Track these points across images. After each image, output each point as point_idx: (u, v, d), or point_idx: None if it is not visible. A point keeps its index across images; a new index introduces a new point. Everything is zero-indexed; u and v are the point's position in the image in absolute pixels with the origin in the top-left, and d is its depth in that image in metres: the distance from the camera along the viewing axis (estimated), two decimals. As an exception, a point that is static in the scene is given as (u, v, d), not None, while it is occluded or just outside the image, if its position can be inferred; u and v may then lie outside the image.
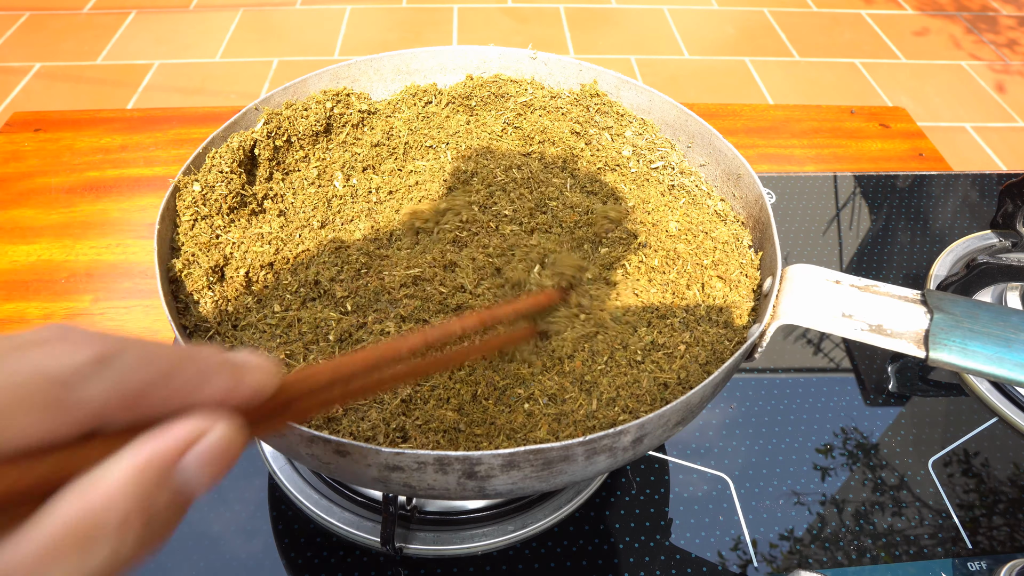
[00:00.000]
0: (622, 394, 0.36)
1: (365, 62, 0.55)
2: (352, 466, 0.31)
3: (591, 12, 2.20)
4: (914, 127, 0.86)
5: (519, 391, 0.36)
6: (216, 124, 0.49)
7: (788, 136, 0.83)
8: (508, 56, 0.57)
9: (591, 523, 0.46)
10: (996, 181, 0.78)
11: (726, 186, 0.49)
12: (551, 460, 0.30)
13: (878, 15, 2.26)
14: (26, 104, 1.73)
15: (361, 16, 2.13)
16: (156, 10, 2.12)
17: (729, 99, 1.85)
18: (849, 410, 0.54)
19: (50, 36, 1.98)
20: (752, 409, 0.54)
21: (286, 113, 0.49)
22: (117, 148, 0.76)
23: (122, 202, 0.70)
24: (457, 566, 0.44)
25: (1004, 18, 2.28)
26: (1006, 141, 1.75)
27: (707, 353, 0.38)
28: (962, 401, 0.56)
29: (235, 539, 0.44)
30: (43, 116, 0.79)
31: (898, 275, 0.66)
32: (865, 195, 0.75)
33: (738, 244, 0.45)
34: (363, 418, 0.34)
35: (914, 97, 1.90)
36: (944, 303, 0.36)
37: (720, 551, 0.46)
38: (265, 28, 2.06)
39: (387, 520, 0.42)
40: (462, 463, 0.30)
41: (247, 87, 1.82)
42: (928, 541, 0.47)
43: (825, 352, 0.59)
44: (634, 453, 0.33)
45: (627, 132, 0.52)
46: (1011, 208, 0.68)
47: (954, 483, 0.50)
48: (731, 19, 2.21)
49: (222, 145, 0.47)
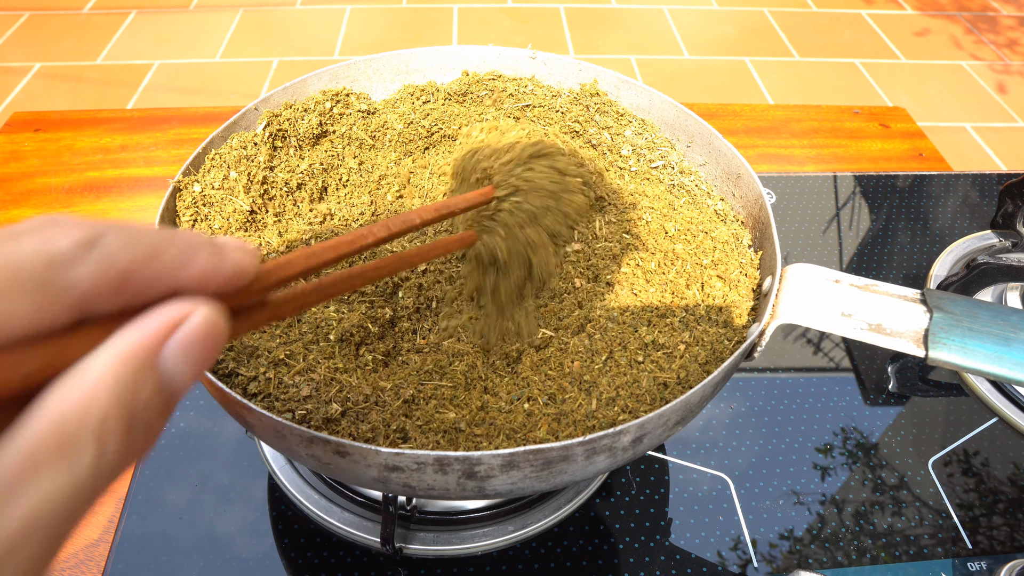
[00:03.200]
0: (622, 394, 0.36)
1: (364, 62, 0.55)
2: (352, 467, 0.31)
3: (591, 12, 2.20)
4: (914, 127, 0.86)
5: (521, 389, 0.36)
6: (216, 124, 0.49)
7: (788, 136, 0.83)
8: (507, 56, 0.57)
9: (591, 523, 0.46)
10: (996, 181, 0.78)
11: (726, 186, 0.49)
12: (551, 460, 0.30)
13: (878, 15, 2.26)
14: (26, 104, 1.73)
15: (361, 16, 2.13)
16: (156, 10, 2.12)
17: (729, 99, 1.85)
18: (849, 410, 0.54)
19: (50, 36, 1.98)
20: (752, 409, 0.54)
21: (286, 114, 0.49)
22: (117, 148, 0.76)
23: (122, 202, 0.70)
24: (457, 566, 0.44)
25: (1004, 18, 2.28)
26: (1006, 141, 1.75)
27: (707, 353, 0.38)
28: (962, 401, 0.56)
29: (235, 539, 0.44)
30: (43, 116, 0.79)
31: (898, 275, 0.66)
32: (865, 195, 0.75)
33: (738, 244, 0.45)
34: (363, 419, 0.34)
35: (914, 97, 1.90)
36: (944, 302, 0.36)
37: (720, 551, 0.46)
38: (265, 28, 2.06)
39: (387, 520, 0.42)
40: (462, 463, 0.30)
41: (247, 87, 1.82)
42: (928, 541, 0.47)
43: (825, 352, 0.59)
44: (634, 453, 0.33)
45: (627, 132, 0.52)
46: (1011, 208, 0.68)
47: (954, 483, 0.50)
48: (731, 19, 2.21)
49: (222, 145, 0.47)
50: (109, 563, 0.43)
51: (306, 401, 0.34)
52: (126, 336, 0.15)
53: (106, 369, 0.15)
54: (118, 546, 0.44)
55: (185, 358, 0.16)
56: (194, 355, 0.16)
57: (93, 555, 0.44)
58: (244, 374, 0.35)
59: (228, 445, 0.49)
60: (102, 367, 0.15)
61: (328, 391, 0.34)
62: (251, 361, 0.36)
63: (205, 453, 0.49)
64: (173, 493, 0.46)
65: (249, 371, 0.35)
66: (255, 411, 0.30)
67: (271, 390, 0.34)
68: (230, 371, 0.35)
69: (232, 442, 0.49)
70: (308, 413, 0.33)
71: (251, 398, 0.34)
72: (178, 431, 0.50)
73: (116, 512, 0.46)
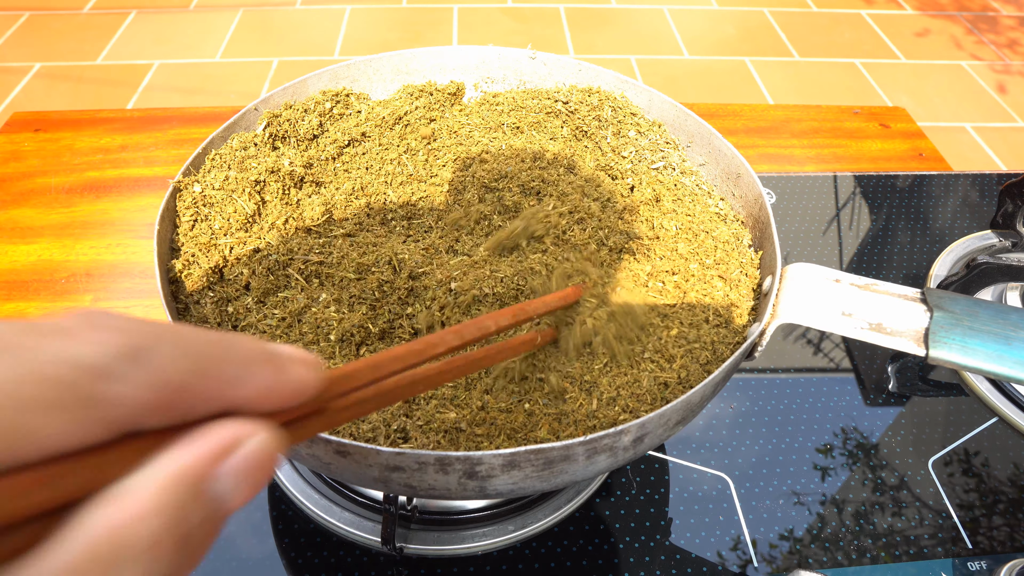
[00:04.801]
0: (622, 394, 0.36)
1: (364, 62, 0.55)
2: (353, 466, 0.31)
3: (591, 12, 2.20)
4: (914, 127, 0.86)
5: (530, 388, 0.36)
6: (216, 124, 0.49)
7: (788, 136, 0.83)
8: (507, 56, 0.57)
9: (591, 523, 0.46)
10: (996, 181, 0.78)
11: (726, 185, 0.49)
12: (552, 460, 0.30)
13: (878, 15, 2.26)
14: (26, 104, 1.73)
15: (361, 16, 2.13)
16: (156, 10, 2.12)
17: (729, 99, 1.85)
18: (849, 410, 0.54)
19: (50, 36, 1.98)
20: (752, 409, 0.54)
21: (286, 115, 0.49)
22: (117, 148, 0.76)
23: (122, 202, 0.70)
24: (457, 566, 0.44)
25: (1004, 18, 2.28)
26: (1006, 141, 1.75)
27: (707, 352, 0.38)
28: (962, 401, 0.56)
29: (235, 539, 0.44)
30: (43, 116, 0.79)
31: (898, 275, 0.66)
32: (865, 195, 0.75)
33: (738, 243, 0.45)
34: (363, 419, 0.34)
35: (914, 97, 1.90)
36: (944, 301, 0.36)
37: (720, 551, 0.46)
38: (265, 28, 2.06)
39: (388, 520, 0.42)
40: (463, 463, 0.30)
41: (247, 87, 1.82)
42: (928, 541, 0.47)
43: (825, 352, 0.59)
44: (635, 452, 0.33)
45: (630, 132, 0.52)
46: (1011, 208, 0.68)
47: (954, 483, 0.50)
48: (731, 19, 2.21)
49: (223, 146, 0.47)
50: (109, 563, 0.43)
51: (307, 401, 0.34)
52: (177, 456, 0.14)
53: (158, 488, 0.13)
54: (118, 546, 0.44)
55: (238, 484, 0.15)
56: (250, 480, 0.15)
57: (93, 555, 0.44)
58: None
59: (228, 445, 0.49)
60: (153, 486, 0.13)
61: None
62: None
63: (205, 453, 0.49)
64: (173, 493, 0.46)
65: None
66: (256, 411, 0.30)
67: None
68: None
69: (232, 442, 0.49)
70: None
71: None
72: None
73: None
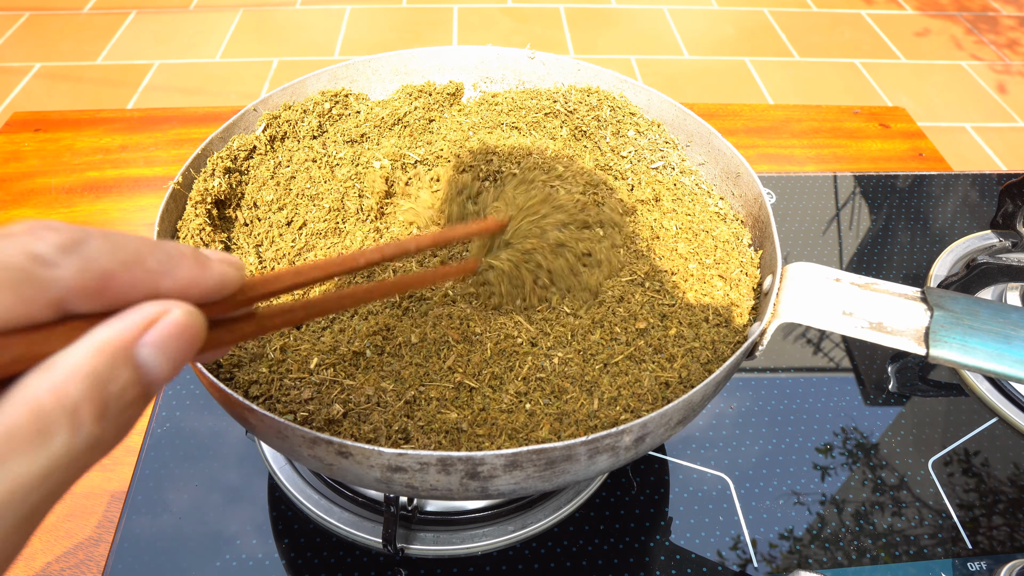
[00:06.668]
0: (623, 393, 0.36)
1: (363, 62, 0.55)
2: (355, 467, 0.31)
3: (591, 12, 2.20)
4: (914, 127, 0.86)
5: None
6: (216, 124, 0.49)
7: (788, 136, 0.83)
8: (506, 56, 0.57)
9: (591, 523, 0.46)
10: (996, 181, 0.78)
11: (725, 185, 0.49)
12: (554, 460, 0.30)
13: (878, 15, 2.26)
14: (26, 104, 1.73)
15: (361, 16, 2.13)
16: (156, 10, 2.11)
17: (729, 99, 1.85)
18: (849, 410, 0.54)
19: (50, 36, 1.98)
20: (752, 409, 0.54)
21: (285, 116, 0.49)
22: (117, 148, 0.76)
23: (122, 202, 0.70)
24: (457, 566, 0.44)
25: (1005, 18, 2.28)
26: (1006, 141, 1.75)
27: (708, 352, 0.38)
28: (962, 401, 0.56)
29: (235, 539, 0.44)
30: (43, 116, 0.79)
31: (898, 275, 0.66)
32: (865, 195, 0.75)
33: (738, 243, 0.45)
34: (364, 420, 0.34)
35: (914, 97, 1.90)
36: (944, 300, 0.36)
37: (720, 551, 0.46)
38: (265, 28, 2.06)
39: (388, 520, 0.42)
40: (465, 463, 0.30)
41: (247, 87, 1.82)
42: (928, 541, 0.47)
43: (825, 352, 0.59)
44: (636, 452, 0.33)
45: (629, 132, 0.52)
46: (1011, 208, 0.68)
47: (954, 483, 0.50)
48: (731, 19, 2.21)
49: (222, 147, 0.47)
50: (109, 563, 0.43)
51: (308, 403, 0.34)
52: (103, 330, 0.16)
53: (83, 358, 0.15)
54: (118, 546, 0.44)
55: (161, 352, 0.17)
56: (170, 350, 0.17)
57: (93, 555, 0.44)
58: (245, 377, 0.35)
59: (228, 446, 0.49)
60: (79, 356, 0.16)
61: (330, 392, 0.34)
62: (252, 363, 0.36)
63: (205, 454, 0.49)
64: (173, 493, 0.46)
65: (250, 374, 0.35)
66: (257, 412, 0.30)
67: (273, 392, 0.34)
68: (231, 374, 0.35)
69: (232, 443, 0.49)
70: (310, 415, 0.33)
71: (253, 400, 0.34)
72: (178, 432, 0.50)
73: (116, 512, 0.46)
